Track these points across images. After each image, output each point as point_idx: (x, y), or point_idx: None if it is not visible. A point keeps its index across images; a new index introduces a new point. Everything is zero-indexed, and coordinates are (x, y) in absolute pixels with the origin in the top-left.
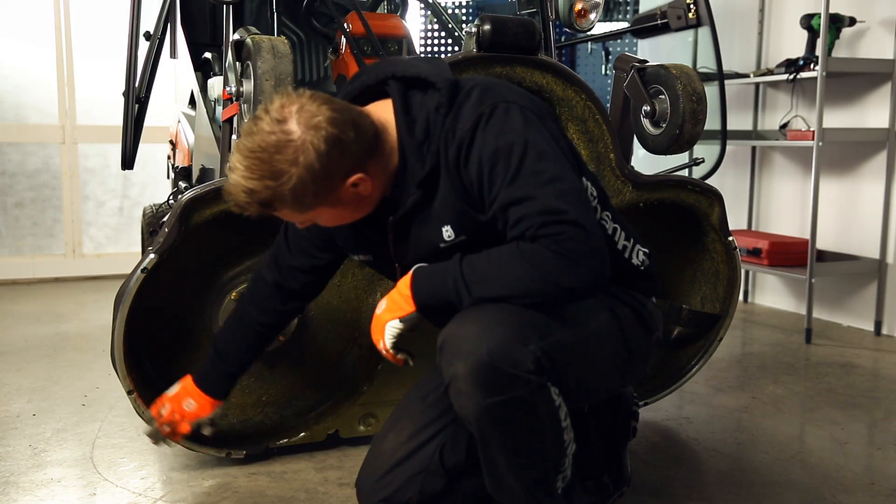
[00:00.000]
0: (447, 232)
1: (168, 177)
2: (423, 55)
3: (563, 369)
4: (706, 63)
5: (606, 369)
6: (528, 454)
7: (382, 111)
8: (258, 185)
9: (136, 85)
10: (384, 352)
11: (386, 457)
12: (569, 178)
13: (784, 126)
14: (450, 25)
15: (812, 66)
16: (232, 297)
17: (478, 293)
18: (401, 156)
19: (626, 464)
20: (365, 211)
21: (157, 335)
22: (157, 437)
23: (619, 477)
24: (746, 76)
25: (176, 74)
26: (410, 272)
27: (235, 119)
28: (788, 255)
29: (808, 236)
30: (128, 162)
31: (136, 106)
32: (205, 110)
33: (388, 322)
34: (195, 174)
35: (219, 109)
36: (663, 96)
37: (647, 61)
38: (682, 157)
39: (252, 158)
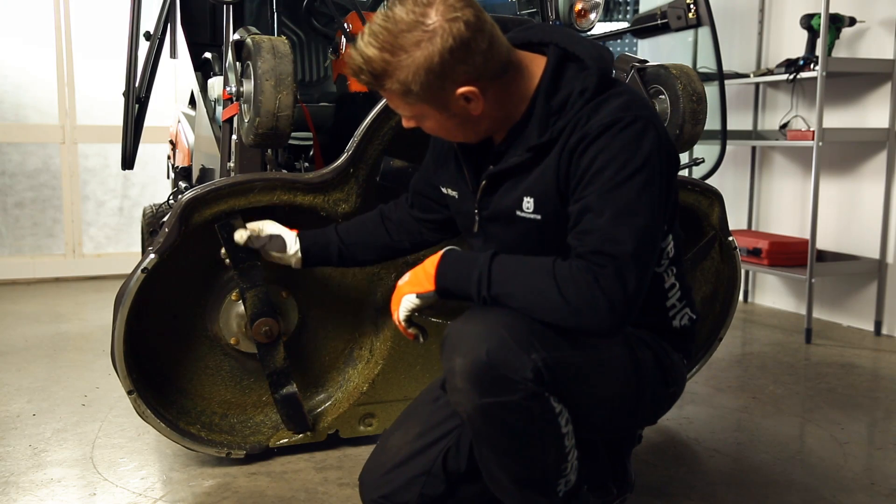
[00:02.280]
0: (527, 203)
1: (168, 177)
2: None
3: (563, 387)
4: (706, 63)
5: (611, 404)
6: (522, 457)
7: (532, 62)
8: (376, 54)
9: (136, 85)
10: (397, 323)
11: (391, 454)
12: (653, 224)
13: (784, 126)
14: None
15: (812, 66)
16: (232, 298)
17: (495, 293)
18: (526, 113)
19: (630, 470)
20: (470, 136)
21: (157, 335)
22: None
23: (623, 483)
24: (746, 76)
25: (176, 74)
26: (441, 252)
27: (235, 119)
28: (788, 255)
29: (808, 236)
30: (128, 162)
31: (136, 106)
32: (205, 110)
33: (406, 295)
34: (195, 174)
35: (219, 109)
36: (663, 96)
37: (647, 61)
38: (683, 157)
39: (381, 27)
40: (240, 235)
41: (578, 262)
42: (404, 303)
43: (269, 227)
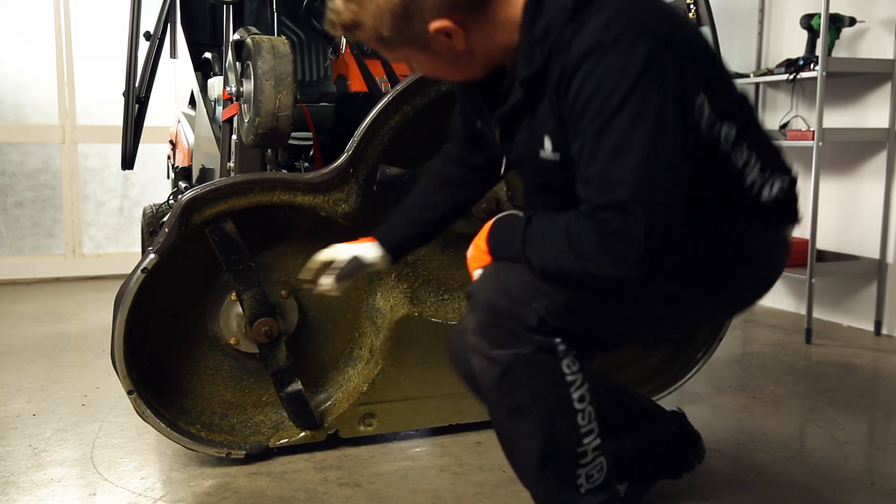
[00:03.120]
0: (547, 143)
1: (168, 177)
2: None
3: (582, 323)
4: None
5: (656, 314)
6: (529, 422)
7: None
8: (342, 6)
9: (136, 85)
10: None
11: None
12: (658, 149)
13: (784, 126)
14: None
15: (812, 66)
16: (232, 298)
17: (528, 256)
18: (518, 46)
19: (694, 434)
20: (468, 73)
21: (157, 335)
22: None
23: (694, 448)
24: (746, 76)
25: (176, 74)
26: (489, 225)
27: (235, 119)
28: None
29: (808, 236)
30: (128, 162)
31: (136, 106)
32: (205, 110)
33: (475, 270)
34: (195, 174)
35: (219, 109)
36: None
37: None
38: None
39: None
40: (324, 286)
41: (586, 224)
42: (476, 275)
43: (340, 253)
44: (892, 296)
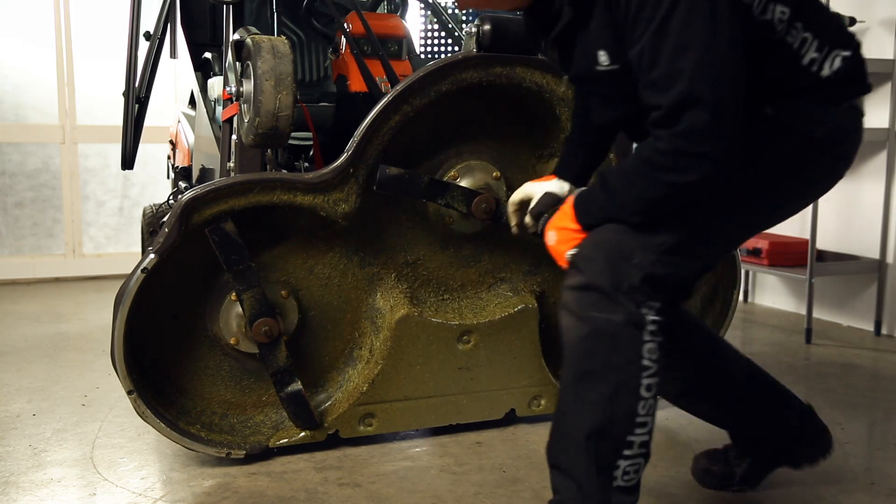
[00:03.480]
0: (602, 56)
1: (168, 177)
2: (422, 55)
3: (681, 262)
4: None
5: (753, 214)
6: (593, 390)
7: None
8: None
9: (136, 85)
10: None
11: None
12: (716, 41)
13: None
14: (450, 25)
15: None
16: (231, 298)
17: (620, 205)
18: None
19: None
20: (515, 1)
21: (157, 335)
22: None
23: (819, 440)
24: None
25: (176, 74)
26: (570, 205)
27: (235, 119)
28: (788, 255)
29: (808, 236)
30: (128, 162)
31: (136, 106)
32: (205, 110)
33: (567, 252)
34: (195, 174)
35: (219, 109)
36: None
37: None
38: None
39: None
40: (528, 226)
41: (658, 140)
42: (570, 258)
43: (532, 189)
44: (892, 296)
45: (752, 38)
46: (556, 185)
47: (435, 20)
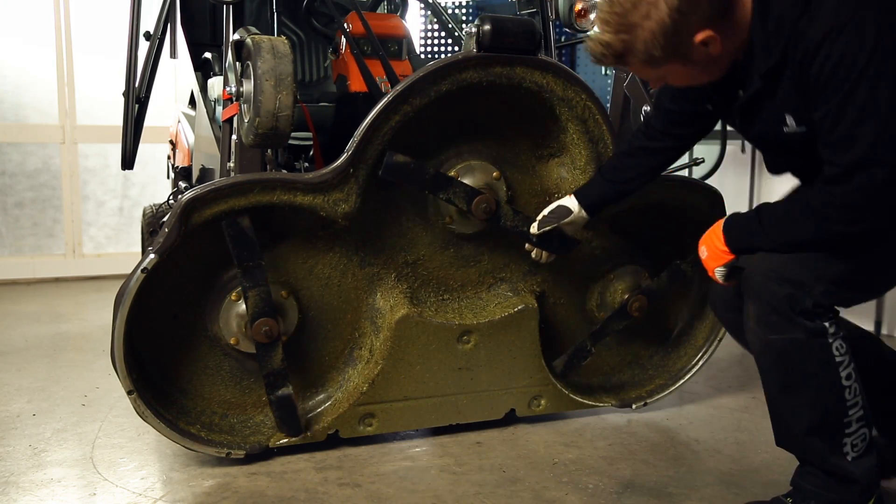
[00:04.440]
0: (790, 120)
1: (168, 177)
2: (423, 55)
3: (850, 293)
4: None
5: None
6: (800, 394)
7: None
8: (613, 38)
9: (136, 85)
10: (720, 282)
11: None
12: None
13: None
14: (450, 25)
15: None
16: (232, 298)
17: (774, 239)
18: (748, 39)
19: None
20: (713, 75)
21: (157, 335)
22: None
23: None
24: None
25: (176, 74)
26: (720, 227)
27: (235, 119)
28: None
29: None
30: (128, 162)
31: (136, 106)
32: (205, 110)
33: (716, 269)
34: (195, 174)
35: (219, 109)
36: None
37: None
38: (683, 158)
39: (608, 13)
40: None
41: (832, 189)
42: (717, 273)
43: (558, 201)
44: (893, 296)
45: None
46: (573, 203)
47: (435, 20)
